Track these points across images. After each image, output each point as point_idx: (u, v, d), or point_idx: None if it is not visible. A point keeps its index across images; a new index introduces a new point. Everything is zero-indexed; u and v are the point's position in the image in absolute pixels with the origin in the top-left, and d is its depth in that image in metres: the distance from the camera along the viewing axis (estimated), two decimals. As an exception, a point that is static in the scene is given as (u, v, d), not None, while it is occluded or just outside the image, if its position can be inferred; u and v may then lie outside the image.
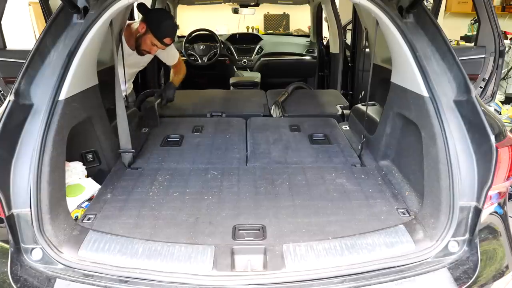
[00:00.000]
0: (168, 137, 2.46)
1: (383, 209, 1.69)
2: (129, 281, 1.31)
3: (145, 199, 1.77)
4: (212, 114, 2.89)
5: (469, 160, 1.47)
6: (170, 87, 2.97)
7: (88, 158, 2.04)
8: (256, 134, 2.50)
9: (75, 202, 1.78)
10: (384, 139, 2.09)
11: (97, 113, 1.96)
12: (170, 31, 2.61)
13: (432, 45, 1.68)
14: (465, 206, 1.45)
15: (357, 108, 2.64)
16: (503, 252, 1.52)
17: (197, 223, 1.59)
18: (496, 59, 2.51)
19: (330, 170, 2.05)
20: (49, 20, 1.63)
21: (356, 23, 3.61)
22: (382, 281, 1.33)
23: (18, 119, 1.44)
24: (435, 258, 1.42)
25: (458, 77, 1.59)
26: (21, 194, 1.38)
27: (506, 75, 5.09)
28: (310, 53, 4.68)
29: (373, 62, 2.34)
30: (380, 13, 1.70)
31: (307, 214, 1.66)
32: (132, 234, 1.50)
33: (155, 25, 2.51)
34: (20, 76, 1.49)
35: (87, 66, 1.79)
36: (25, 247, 1.37)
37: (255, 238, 1.50)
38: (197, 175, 1.99)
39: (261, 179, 1.95)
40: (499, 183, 1.44)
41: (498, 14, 7.27)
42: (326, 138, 2.47)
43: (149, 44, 2.57)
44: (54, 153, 1.48)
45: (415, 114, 1.73)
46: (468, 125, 1.50)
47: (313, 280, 1.33)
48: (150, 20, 2.53)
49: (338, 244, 1.44)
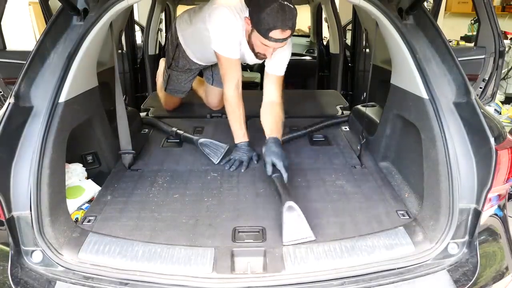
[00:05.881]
0: (168, 138, 2.46)
1: (383, 211, 1.69)
2: (129, 284, 1.31)
3: (145, 201, 1.77)
4: (212, 115, 2.89)
5: (468, 162, 1.47)
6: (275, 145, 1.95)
7: (88, 160, 2.04)
8: (256, 135, 2.50)
9: (75, 204, 1.78)
10: (384, 141, 2.09)
11: (97, 115, 1.96)
12: (280, 18, 1.81)
13: (432, 46, 1.68)
14: (464, 208, 1.45)
15: (357, 109, 2.64)
16: (503, 254, 1.52)
17: (197, 225, 1.59)
18: (496, 59, 2.51)
19: (330, 171, 2.05)
20: (49, 22, 1.63)
21: (356, 24, 3.61)
22: (381, 283, 1.33)
23: (18, 121, 1.44)
24: (434, 260, 1.42)
25: (457, 79, 1.59)
26: (21, 196, 1.38)
27: (506, 75, 5.09)
28: (310, 53, 4.68)
29: (373, 63, 2.33)
30: (380, 15, 1.70)
31: (307, 216, 1.65)
32: (132, 236, 1.51)
33: (256, 15, 1.87)
34: (20, 79, 1.49)
35: (87, 68, 1.79)
36: (25, 249, 1.37)
37: (255, 240, 1.50)
38: (197, 176, 1.99)
39: (261, 181, 1.95)
40: (499, 185, 1.44)
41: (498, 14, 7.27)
42: (326, 139, 2.47)
43: (260, 45, 1.97)
44: (54, 156, 1.49)
45: (414, 116, 1.73)
46: (468, 127, 1.50)
47: (313, 282, 1.33)
48: (252, 10, 1.91)
49: (338, 246, 1.44)
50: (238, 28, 2.07)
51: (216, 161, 2.09)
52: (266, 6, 1.82)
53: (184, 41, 2.55)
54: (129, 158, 2.07)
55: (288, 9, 1.83)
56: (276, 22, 1.83)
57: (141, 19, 4.92)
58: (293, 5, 1.87)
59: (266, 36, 1.87)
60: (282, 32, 1.87)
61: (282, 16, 1.82)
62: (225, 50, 2.10)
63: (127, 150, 2.05)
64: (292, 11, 1.85)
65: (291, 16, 1.84)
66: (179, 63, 2.66)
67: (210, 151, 2.16)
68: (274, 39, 1.88)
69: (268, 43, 1.92)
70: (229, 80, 2.14)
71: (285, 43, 1.96)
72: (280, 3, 1.82)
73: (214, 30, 2.12)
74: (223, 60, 2.13)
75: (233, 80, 2.13)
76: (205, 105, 3.01)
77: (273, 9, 1.81)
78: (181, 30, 2.54)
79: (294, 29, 1.91)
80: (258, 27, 1.88)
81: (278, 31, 1.85)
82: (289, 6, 1.84)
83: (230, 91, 2.14)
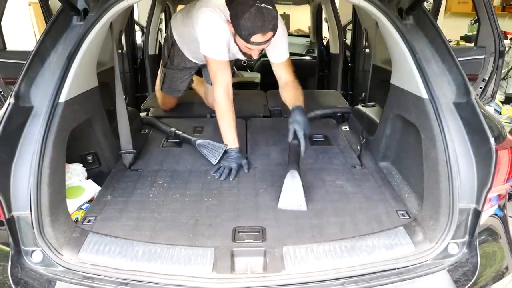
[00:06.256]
0: (168, 138, 2.46)
1: (383, 211, 1.69)
2: (129, 284, 1.31)
3: (145, 200, 1.77)
4: (212, 115, 2.89)
5: (468, 162, 1.47)
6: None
7: (88, 160, 2.04)
8: (255, 135, 2.50)
9: (75, 204, 1.78)
10: (384, 141, 2.09)
11: (97, 115, 1.96)
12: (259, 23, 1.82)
13: (432, 46, 1.68)
14: (464, 208, 1.46)
15: (357, 109, 2.64)
16: (503, 254, 1.52)
17: (197, 225, 1.59)
18: (496, 59, 2.52)
19: (330, 171, 2.05)
20: (49, 22, 1.63)
21: (356, 24, 3.61)
22: (381, 283, 1.33)
23: (18, 121, 1.44)
24: (434, 260, 1.42)
25: (457, 79, 1.59)
26: (21, 196, 1.38)
27: (506, 75, 5.09)
28: (310, 53, 4.68)
29: (373, 63, 2.33)
30: (380, 15, 1.70)
31: (307, 216, 1.66)
32: (132, 236, 1.51)
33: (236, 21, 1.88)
34: (20, 79, 1.49)
35: (87, 68, 1.79)
36: (26, 249, 1.37)
37: (255, 240, 1.50)
38: (197, 176, 1.99)
39: (261, 181, 1.95)
40: (499, 185, 1.44)
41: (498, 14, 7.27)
42: (326, 139, 2.47)
43: (244, 47, 2.01)
44: (54, 156, 1.49)
45: (414, 116, 1.73)
46: (468, 127, 1.51)
47: (313, 282, 1.33)
48: (231, 16, 1.92)
49: (338, 246, 1.44)
50: (224, 29, 2.06)
51: (215, 162, 2.09)
52: (244, 12, 1.81)
53: (179, 40, 2.56)
54: (130, 157, 2.07)
55: (267, 12, 1.82)
56: (255, 27, 1.83)
57: (141, 19, 4.92)
58: (272, 5, 1.84)
59: (248, 40, 1.89)
60: (263, 36, 1.87)
61: (261, 20, 1.81)
62: (213, 52, 2.10)
63: (127, 150, 2.05)
64: (271, 12, 1.84)
65: (270, 18, 1.83)
66: (174, 61, 2.67)
67: (208, 152, 2.15)
68: (256, 42, 1.90)
69: (251, 46, 1.95)
70: (218, 82, 2.12)
71: (269, 44, 1.97)
72: (258, 6, 1.80)
73: (201, 33, 2.13)
74: (212, 62, 2.12)
75: (222, 83, 2.12)
76: (205, 105, 3.02)
77: (251, 14, 1.80)
78: (176, 29, 2.55)
79: (276, 29, 1.89)
80: (239, 32, 1.89)
81: (258, 35, 1.86)
82: (267, 8, 1.82)
83: (219, 94, 2.11)
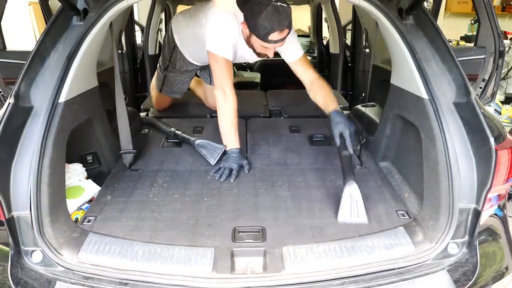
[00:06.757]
0: (168, 138, 2.46)
1: (383, 211, 1.69)
2: (129, 284, 1.31)
3: (145, 201, 1.77)
4: (212, 115, 2.89)
5: (468, 162, 1.47)
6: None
7: (88, 160, 2.04)
8: (255, 135, 2.50)
9: (75, 204, 1.78)
10: (384, 141, 2.09)
11: (97, 115, 1.96)
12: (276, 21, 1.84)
13: (432, 47, 1.68)
14: (464, 208, 1.46)
15: (357, 109, 2.64)
16: (503, 254, 1.52)
17: (197, 225, 1.59)
18: (496, 59, 2.51)
19: (330, 171, 2.05)
20: (49, 22, 1.63)
21: (356, 24, 3.61)
22: (381, 283, 1.33)
23: (18, 121, 1.44)
24: (434, 260, 1.42)
25: (457, 79, 1.59)
26: (21, 196, 1.38)
27: (506, 75, 5.09)
28: (310, 53, 4.68)
29: (373, 63, 2.33)
30: (380, 15, 1.70)
31: (307, 216, 1.66)
32: (132, 236, 1.51)
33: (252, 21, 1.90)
34: (19, 79, 1.49)
35: (87, 68, 1.79)
36: (25, 249, 1.37)
37: (255, 240, 1.50)
38: (197, 176, 1.99)
39: (261, 181, 1.95)
40: (499, 185, 1.44)
41: (498, 14, 7.27)
42: (326, 139, 2.47)
43: (260, 47, 2.02)
44: (54, 156, 1.49)
45: (414, 116, 1.73)
46: (468, 127, 1.50)
47: (313, 282, 1.33)
48: (247, 16, 1.94)
49: (337, 246, 1.44)
50: (234, 30, 2.08)
51: (213, 162, 2.09)
52: (261, 11, 1.84)
53: (181, 43, 2.56)
54: (130, 157, 2.07)
55: (282, 9, 1.85)
56: (273, 25, 1.85)
57: (141, 19, 4.92)
58: (286, 3, 1.88)
59: (265, 39, 1.91)
60: (280, 33, 1.90)
61: (277, 18, 1.84)
62: (218, 49, 2.10)
63: (127, 150, 2.05)
64: (286, 10, 1.87)
65: (286, 16, 1.86)
66: (176, 65, 2.67)
67: (207, 152, 2.15)
68: (274, 41, 1.92)
69: (267, 45, 1.97)
70: (221, 81, 2.12)
71: (284, 42, 1.99)
72: (273, 5, 1.83)
73: (210, 30, 2.13)
74: (215, 60, 2.12)
75: (225, 82, 2.11)
76: (205, 105, 3.02)
77: (268, 13, 1.83)
78: (177, 32, 2.55)
79: (291, 26, 1.92)
80: (256, 32, 1.91)
81: (276, 33, 1.89)
82: (282, 6, 1.86)
83: (221, 93, 2.11)
